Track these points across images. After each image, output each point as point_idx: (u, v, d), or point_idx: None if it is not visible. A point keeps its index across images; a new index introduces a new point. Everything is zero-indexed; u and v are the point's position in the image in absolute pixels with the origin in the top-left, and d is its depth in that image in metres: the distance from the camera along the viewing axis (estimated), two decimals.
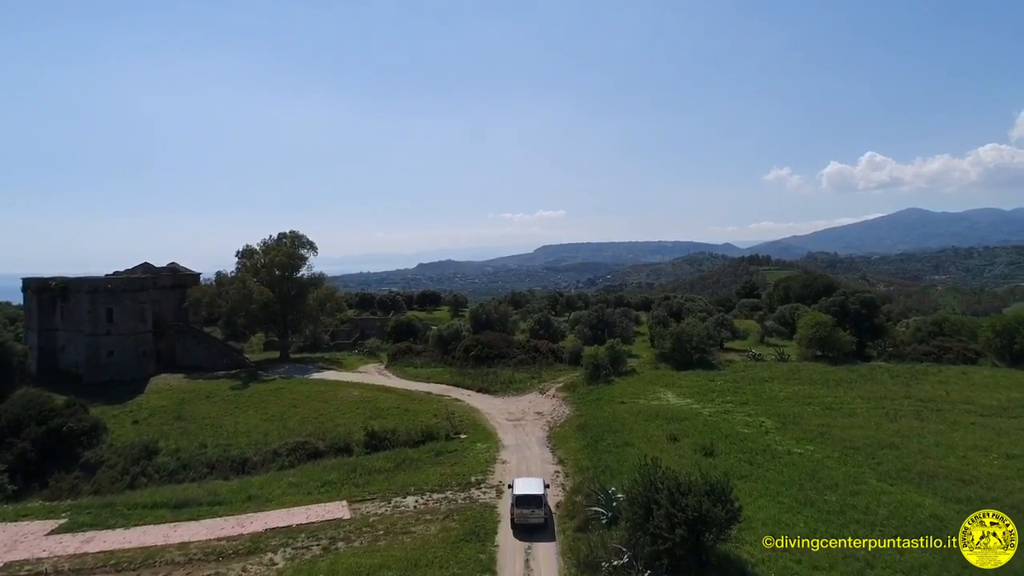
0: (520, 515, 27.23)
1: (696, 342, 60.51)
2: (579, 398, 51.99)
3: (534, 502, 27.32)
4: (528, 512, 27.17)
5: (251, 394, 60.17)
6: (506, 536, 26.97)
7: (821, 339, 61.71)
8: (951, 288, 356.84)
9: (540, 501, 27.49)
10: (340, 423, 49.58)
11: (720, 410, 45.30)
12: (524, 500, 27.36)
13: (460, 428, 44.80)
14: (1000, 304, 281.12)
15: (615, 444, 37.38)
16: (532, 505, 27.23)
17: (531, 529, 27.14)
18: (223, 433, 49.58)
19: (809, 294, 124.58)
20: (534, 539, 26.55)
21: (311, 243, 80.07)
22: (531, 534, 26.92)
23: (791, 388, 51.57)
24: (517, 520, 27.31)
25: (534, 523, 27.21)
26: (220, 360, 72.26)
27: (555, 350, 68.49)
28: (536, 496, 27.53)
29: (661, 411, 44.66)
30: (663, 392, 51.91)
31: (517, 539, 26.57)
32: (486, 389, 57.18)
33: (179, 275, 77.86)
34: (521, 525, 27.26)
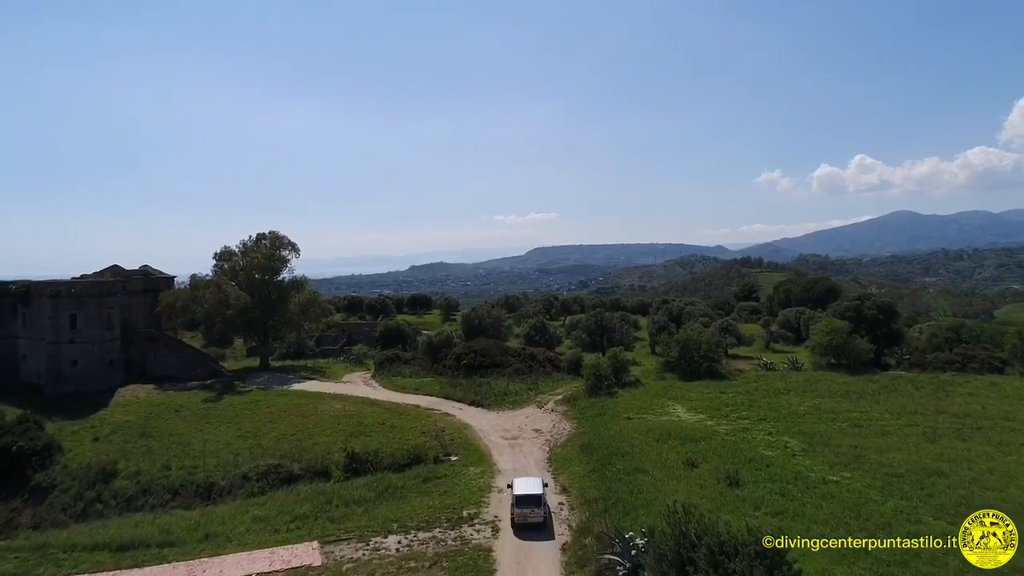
0: (520, 514, 27.90)
1: (704, 350, 56.44)
2: (580, 413, 47.76)
3: (533, 501, 28.07)
4: (528, 511, 27.85)
5: (225, 407, 55.59)
6: (507, 536, 27.29)
7: (837, 347, 57.80)
8: (942, 290, 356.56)
9: (539, 500, 28.30)
10: (319, 441, 45.16)
11: (737, 427, 41.17)
12: (524, 500, 28.06)
13: (451, 449, 40.45)
14: (991, 307, 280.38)
15: (625, 470, 33.13)
16: (532, 504, 27.95)
17: (531, 528, 27.70)
18: (190, 453, 45.02)
19: (811, 298, 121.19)
20: (534, 538, 27.02)
21: (292, 244, 75.47)
22: (531, 532, 27.44)
23: (810, 401, 47.59)
24: (517, 520, 28.01)
25: (534, 522, 27.88)
26: (194, 369, 67.50)
27: (552, 358, 64.26)
28: (536, 496, 28.31)
29: (673, 429, 40.45)
30: (672, 406, 47.77)
31: (518, 538, 27.05)
32: (479, 402, 52.82)
33: (151, 278, 72.93)
34: (521, 524, 27.92)
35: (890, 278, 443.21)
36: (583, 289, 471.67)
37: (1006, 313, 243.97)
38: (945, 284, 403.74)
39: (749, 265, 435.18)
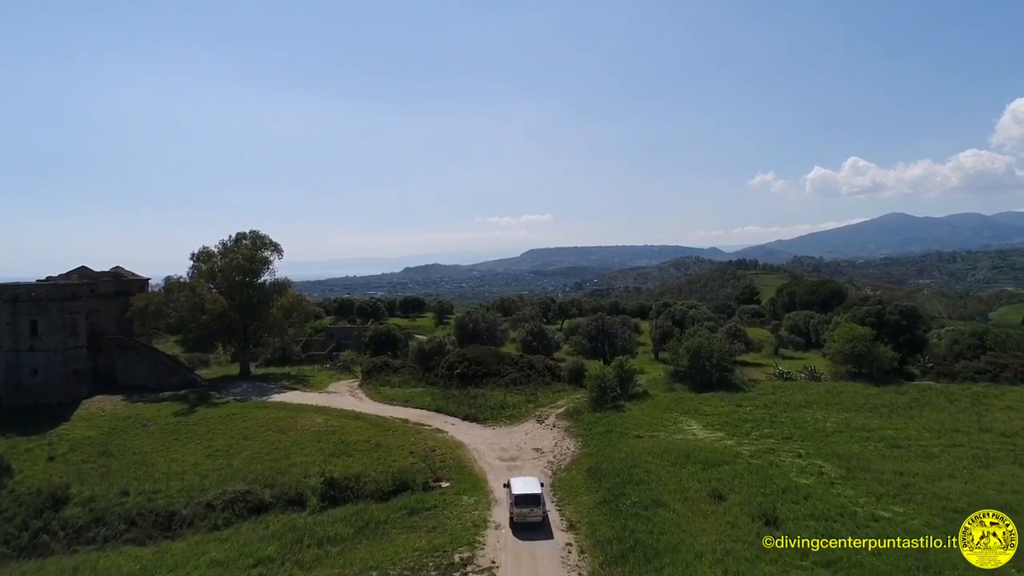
0: (519, 514, 27.65)
1: (716, 359, 52.26)
2: (585, 429, 43.45)
3: (533, 501, 27.82)
4: (527, 511, 27.61)
5: (197, 421, 51.04)
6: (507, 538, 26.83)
7: (858, 355, 53.72)
8: (937, 292, 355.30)
9: (539, 500, 28.06)
10: (296, 462, 40.72)
11: (761, 448, 36.92)
12: (524, 499, 27.80)
13: (441, 473, 36.00)
14: (986, 308, 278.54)
15: (642, 503, 28.82)
16: (531, 504, 27.71)
17: (530, 527, 27.44)
18: (153, 475, 40.54)
19: (816, 301, 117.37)
20: (534, 537, 26.76)
21: (275, 244, 70.85)
22: (530, 532, 27.15)
23: (837, 416, 43.46)
24: (516, 519, 27.76)
25: (533, 521, 27.62)
26: (168, 379, 62.82)
27: (552, 367, 59.94)
28: (535, 495, 28.10)
29: (691, 450, 36.14)
30: (685, 422, 43.53)
31: (517, 538, 26.74)
32: (473, 416, 48.41)
33: (123, 281, 68.06)
34: (520, 524, 27.67)
35: (884, 280, 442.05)
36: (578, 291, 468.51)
37: (1001, 315, 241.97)
38: (939, 286, 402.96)
39: (744, 267, 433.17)
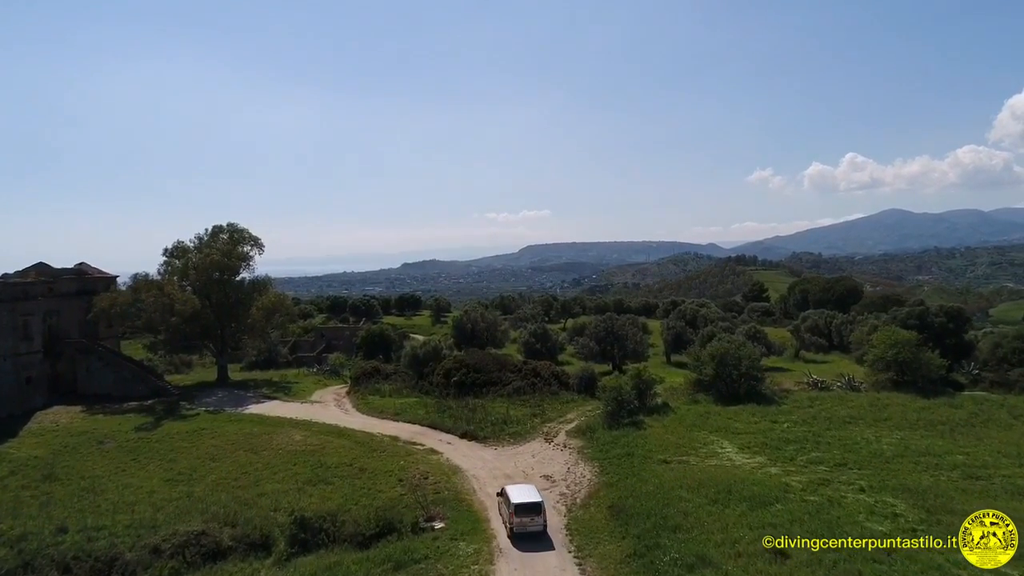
0: (520, 524, 26.55)
1: (746, 367, 46.55)
2: (601, 450, 37.69)
3: (534, 509, 26.78)
4: (528, 520, 26.60)
5: (160, 438, 45.26)
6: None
7: (902, 362, 48.06)
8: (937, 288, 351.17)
9: (540, 508, 27.00)
10: (266, 490, 34.96)
11: (814, 479, 31.17)
12: (524, 508, 26.67)
13: (434, 511, 30.15)
14: (987, 305, 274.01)
15: (683, 561, 23.00)
16: (532, 513, 26.71)
17: (530, 537, 26.34)
18: (101, 505, 34.76)
19: (831, 299, 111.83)
20: (535, 548, 25.61)
21: (255, 239, 64.84)
22: (531, 543, 26.07)
23: (890, 436, 37.77)
24: (516, 529, 26.59)
25: (533, 531, 26.56)
26: (134, 387, 56.91)
27: (559, 374, 54.16)
28: (536, 503, 27.02)
29: (731, 482, 30.35)
30: (717, 442, 37.79)
31: (519, 551, 25.50)
32: (472, 434, 42.58)
33: (87, 279, 61.89)
34: (520, 534, 26.50)
35: (883, 276, 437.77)
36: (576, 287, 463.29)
37: (1002, 312, 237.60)
38: (939, 282, 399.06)
39: (744, 263, 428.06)
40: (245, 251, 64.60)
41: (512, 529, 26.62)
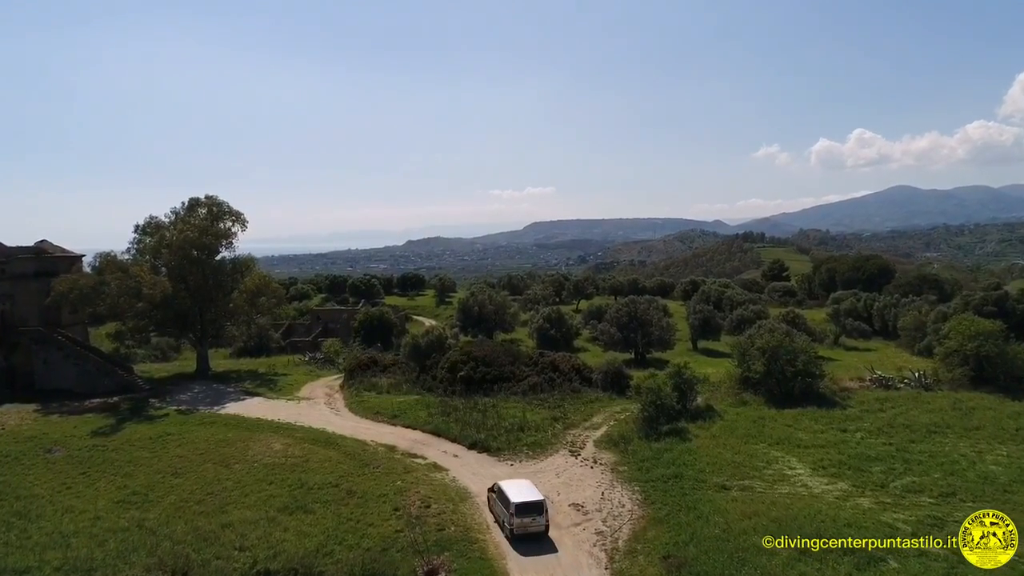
0: (521, 525, 24.75)
1: (802, 363, 39.69)
2: (641, 469, 31.00)
3: (535, 509, 25.06)
4: (529, 521, 24.87)
5: (118, 446, 38.69)
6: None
7: (983, 357, 41.17)
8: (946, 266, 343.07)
9: (542, 507, 25.29)
10: (233, 519, 28.35)
11: (921, 517, 24.43)
12: (525, 508, 24.86)
13: (437, 562, 23.43)
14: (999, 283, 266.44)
15: None
16: (533, 512, 24.98)
17: (532, 539, 24.62)
18: (32, 537, 28.30)
19: (860, 279, 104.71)
20: (538, 551, 23.71)
21: (237, 213, 57.79)
22: (533, 544, 24.28)
23: (994, 451, 31.00)
24: (517, 531, 24.75)
25: (535, 531, 24.94)
26: (99, 381, 50.34)
27: (580, 368, 47.40)
28: (538, 502, 25.29)
29: (819, 523, 23.51)
30: (781, 458, 31.08)
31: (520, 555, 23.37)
32: (483, 444, 35.82)
33: (46, 258, 54.79)
34: (521, 536, 24.68)
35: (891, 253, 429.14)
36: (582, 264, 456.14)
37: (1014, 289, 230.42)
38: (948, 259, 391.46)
39: (751, 240, 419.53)
40: (226, 227, 57.69)
41: (512, 531, 24.95)
